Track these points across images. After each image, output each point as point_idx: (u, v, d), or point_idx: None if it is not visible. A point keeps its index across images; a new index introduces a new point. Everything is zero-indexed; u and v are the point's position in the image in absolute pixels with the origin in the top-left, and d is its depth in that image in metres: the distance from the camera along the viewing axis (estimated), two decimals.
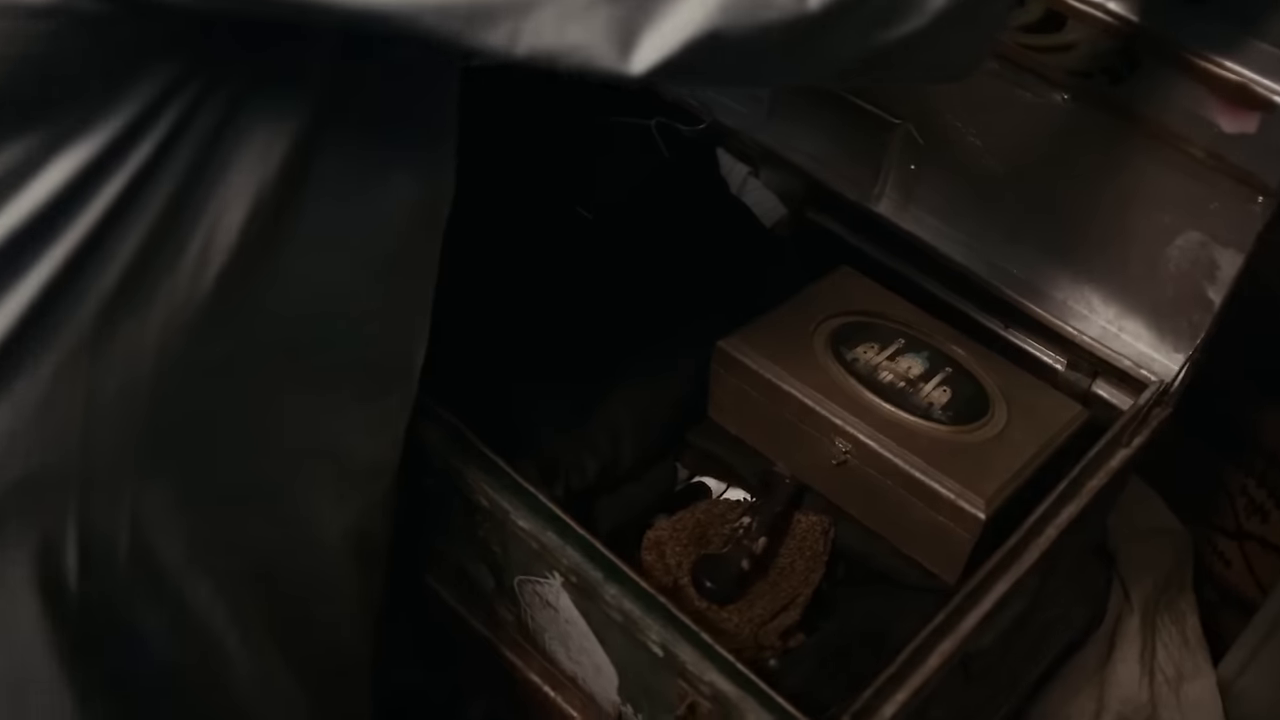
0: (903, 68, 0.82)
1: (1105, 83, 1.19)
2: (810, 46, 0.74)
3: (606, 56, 0.68)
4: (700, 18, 0.68)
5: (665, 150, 1.46)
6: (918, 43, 0.78)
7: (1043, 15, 1.20)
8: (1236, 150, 1.14)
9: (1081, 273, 1.32)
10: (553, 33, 0.68)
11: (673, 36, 0.68)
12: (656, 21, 0.68)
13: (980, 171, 1.35)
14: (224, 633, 0.98)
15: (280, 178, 0.77)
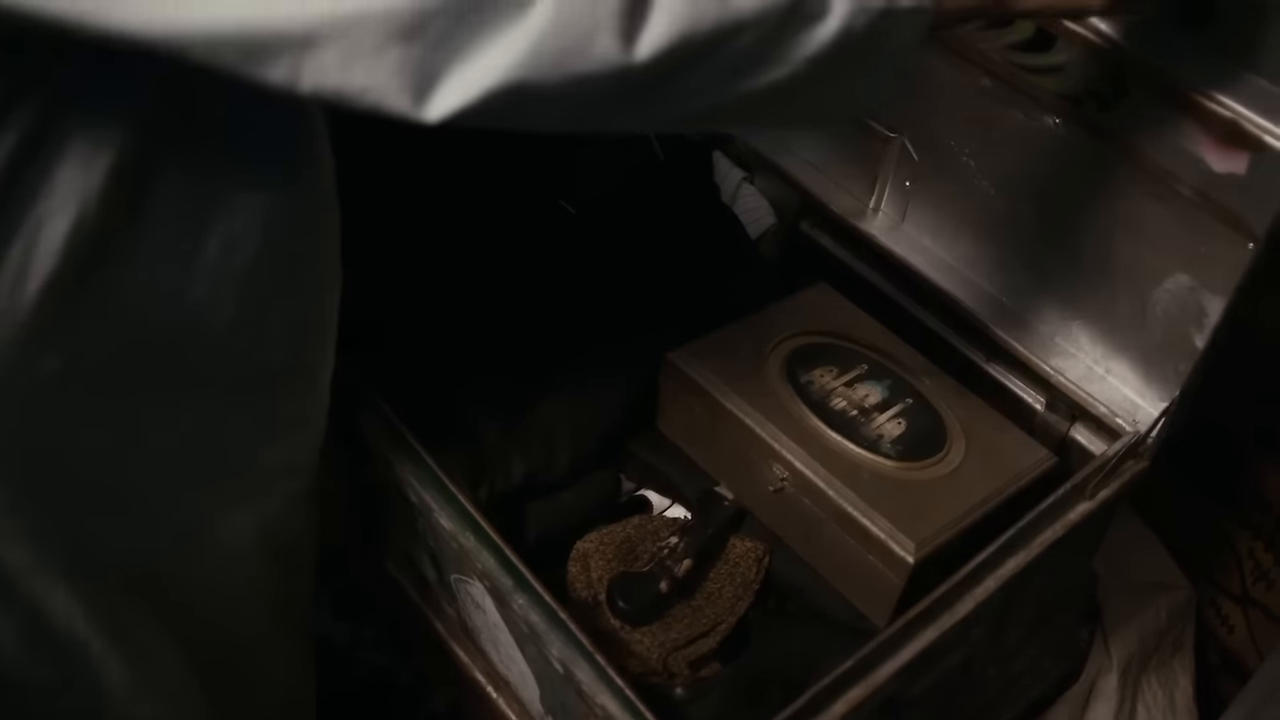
0: (786, 113, 0.76)
1: (1094, 109, 1.12)
2: (649, 97, 0.69)
3: (398, 102, 0.65)
4: (504, 65, 0.64)
5: (660, 150, 1.41)
6: (792, 90, 0.73)
7: (1033, 34, 1.13)
8: (1225, 191, 1.06)
9: (1071, 308, 1.25)
10: (337, 73, 0.64)
11: (474, 84, 0.64)
12: (456, 67, 0.64)
13: (974, 193, 1.28)
14: (86, 641, 0.94)
15: (108, 191, 0.73)
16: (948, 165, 1.29)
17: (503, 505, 1.18)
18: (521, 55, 0.64)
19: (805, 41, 0.72)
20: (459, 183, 1.34)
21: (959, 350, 1.31)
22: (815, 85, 0.74)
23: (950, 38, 1.20)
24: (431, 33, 0.63)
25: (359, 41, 0.63)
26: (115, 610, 0.95)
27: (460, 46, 0.64)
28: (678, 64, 0.68)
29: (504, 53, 0.64)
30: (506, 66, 0.64)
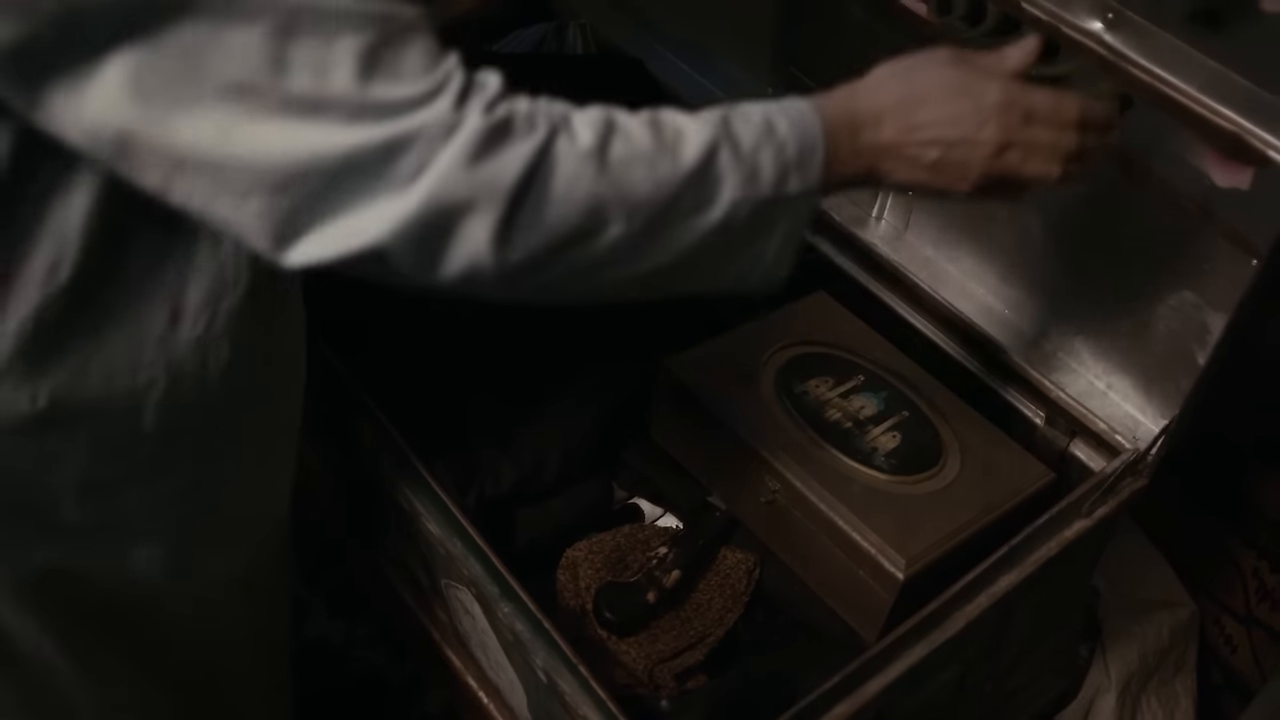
0: (666, 289, 0.77)
1: None
2: (518, 281, 0.71)
3: (257, 242, 0.67)
4: (371, 233, 0.66)
5: None
6: (673, 272, 0.75)
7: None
8: (1229, 206, 1.04)
9: (1073, 322, 1.23)
10: (203, 199, 0.66)
11: (337, 244, 0.67)
12: (320, 226, 0.66)
13: (976, 206, 1.26)
14: (53, 666, 0.95)
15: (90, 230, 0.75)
16: None
17: (493, 511, 1.16)
18: (390, 228, 0.66)
19: (685, 231, 0.73)
20: None
21: (959, 362, 1.29)
22: (695, 267, 0.75)
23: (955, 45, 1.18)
24: (301, 190, 0.65)
25: (228, 181, 0.65)
26: (81, 639, 0.96)
27: (330, 208, 0.66)
28: (544, 263, 0.70)
29: (373, 222, 0.66)
30: (374, 235, 0.66)
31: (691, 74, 1.53)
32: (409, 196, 0.66)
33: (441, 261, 0.68)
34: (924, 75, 0.88)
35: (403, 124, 0.65)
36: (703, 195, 0.73)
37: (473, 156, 0.66)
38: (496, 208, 0.67)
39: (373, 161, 0.65)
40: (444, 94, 0.67)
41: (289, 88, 0.63)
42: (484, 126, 0.67)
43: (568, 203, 0.69)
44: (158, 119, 0.63)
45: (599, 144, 0.71)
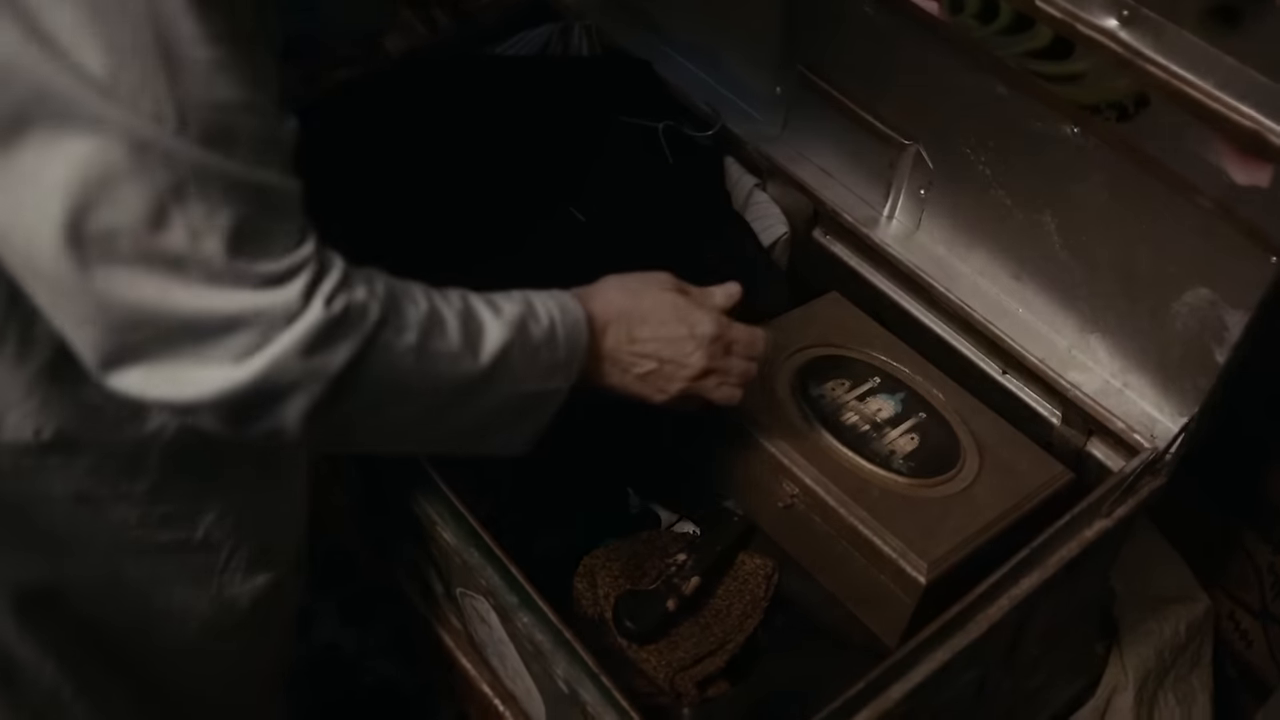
0: (442, 451, 0.97)
1: (1113, 118, 1.09)
2: (317, 441, 0.84)
3: (86, 356, 0.71)
4: (192, 392, 0.71)
5: (670, 155, 1.38)
6: (446, 442, 0.91)
7: (1051, 41, 1.10)
8: (1248, 204, 1.03)
9: (1088, 320, 1.22)
10: (46, 304, 0.71)
11: (155, 389, 0.71)
12: (149, 367, 0.70)
13: (990, 202, 1.26)
14: (54, 688, 0.96)
15: None
16: (963, 173, 1.27)
17: (508, 518, 1.16)
18: (215, 392, 0.71)
19: (468, 413, 0.87)
20: (472, 191, 1.32)
21: (974, 362, 1.28)
22: (465, 439, 0.91)
23: (966, 42, 1.17)
24: (139, 334, 0.69)
25: (70, 299, 0.69)
26: (79, 663, 0.97)
27: (162, 355, 0.70)
28: (341, 431, 0.80)
29: (200, 383, 0.71)
30: (195, 393, 0.71)
31: (699, 74, 1.51)
32: (241, 370, 0.71)
33: (248, 425, 0.74)
34: (648, 296, 1.00)
35: (253, 300, 0.70)
36: (489, 388, 0.85)
37: (308, 347, 0.72)
38: (317, 391, 0.74)
39: (216, 328, 0.69)
40: (297, 279, 0.71)
41: (163, 243, 0.67)
42: (323, 319, 0.72)
43: (379, 387, 0.78)
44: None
45: (420, 339, 0.79)
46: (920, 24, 1.20)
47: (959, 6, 1.16)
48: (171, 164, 0.65)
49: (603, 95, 1.41)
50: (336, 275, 0.74)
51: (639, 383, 0.99)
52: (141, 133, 0.65)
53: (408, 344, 0.78)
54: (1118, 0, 1.05)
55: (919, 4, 1.19)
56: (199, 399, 0.71)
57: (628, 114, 1.41)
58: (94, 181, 0.65)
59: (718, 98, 1.48)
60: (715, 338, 1.00)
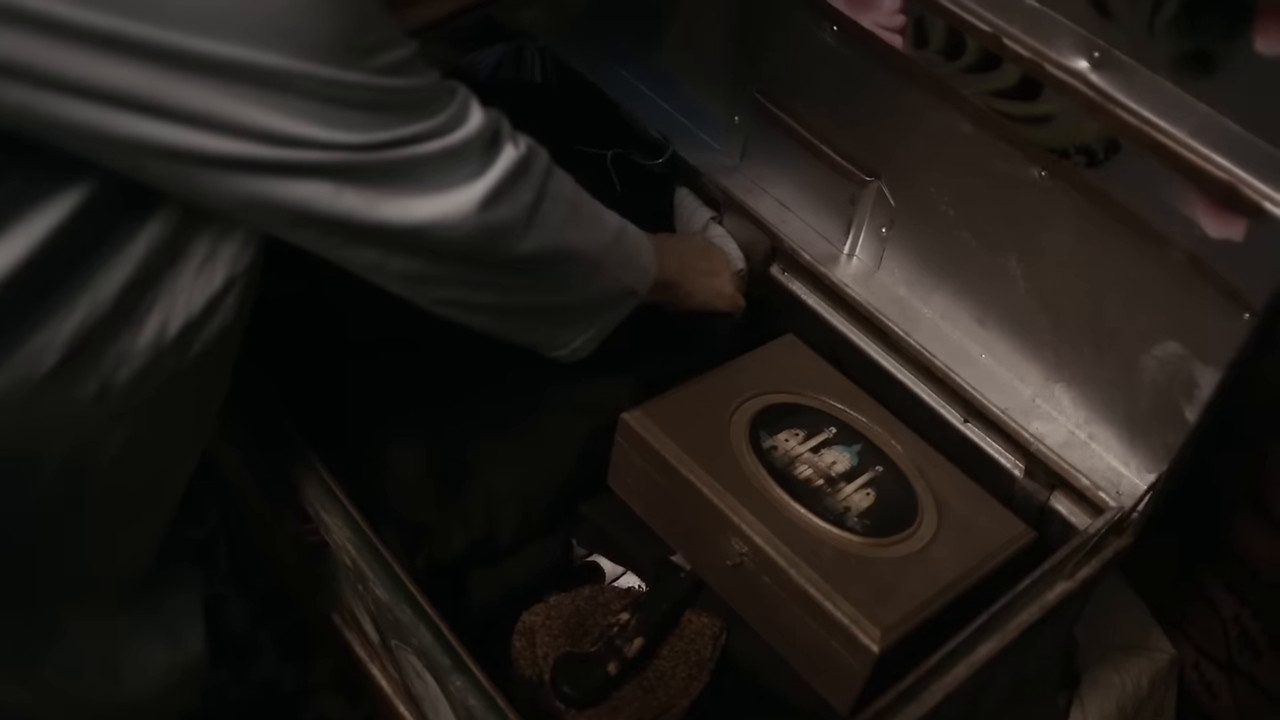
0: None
1: (1083, 164, 1.04)
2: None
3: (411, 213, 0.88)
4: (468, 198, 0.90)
5: (618, 184, 1.33)
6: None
7: (1018, 80, 1.05)
8: (1221, 258, 0.98)
9: (1053, 369, 1.17)
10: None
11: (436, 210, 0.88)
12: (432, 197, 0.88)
13: (954, 243, 1.21)
14: None
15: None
16: (927, 212, 1.22)
17: (444, 572, 1.10)
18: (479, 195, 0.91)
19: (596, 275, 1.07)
20: None
21: (935, 409, 1.23)
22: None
23: (930, 78, 1.13)
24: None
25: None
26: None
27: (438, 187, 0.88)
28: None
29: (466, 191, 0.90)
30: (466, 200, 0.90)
31: (655, 100, 1.46)
32: (495, 168, 0.90)
33: (497, 211, 0.91)
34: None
35: (465, 128, 0.88)
36: (604, 263, 1.06)
37: (521, 162, 0.92)
38: (534, 192, 0.95)
39: (459, 153, 0.88)
40: (474, 110, 0.90)
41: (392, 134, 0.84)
42: (521, 149, 0.93)
43: (559, 208, 0.98)
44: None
45: (574, 193, 1.02)
46: (884, 57, 1.16)
47: (924, 41, 1.11)
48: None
49: (553, 121, 1.35)
50: (510, 130, 0.93)
51: (708, 281, 1.25)
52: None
53: (567, 193, 1.00)
54: (1088, 41, 1.00)
55: (882, 37, 1.15)
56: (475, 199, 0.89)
57: (579, 141, 1.35)
58: None
59: (674, 125, 1.43)
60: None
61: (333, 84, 0.77)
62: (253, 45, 0.73)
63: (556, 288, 1.02)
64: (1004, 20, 1.04)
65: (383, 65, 0.79)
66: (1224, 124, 0.95)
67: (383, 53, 0.79)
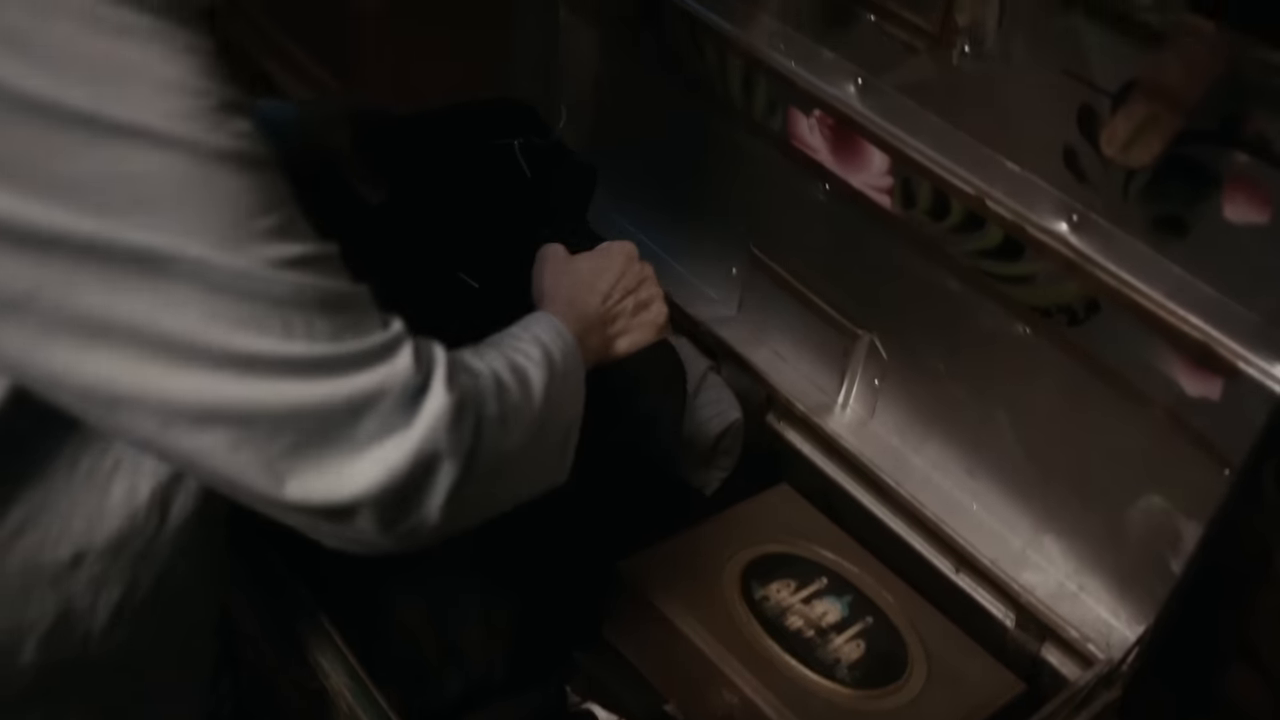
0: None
1: (1064, 322, 1.08)
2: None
3: (251, 486, 0.71)
4: (353, 488, 0.72)
5: (528, 171, 1.31)
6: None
7: (1001, 241, 1.09)
8: (1200, 415, 1.01)
9: (1042, 520, 1.19)
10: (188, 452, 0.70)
11: (314, 493, 0.71)
12: (303, 473, 0.70)
13: (944, 395, 1.24)
14: None
15: None
16: (917, 365, 1.25)
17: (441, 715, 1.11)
18: (368, 485, 0.72)
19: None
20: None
21: (926, 559, 1.25)
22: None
23: (919, 236, 1.16)
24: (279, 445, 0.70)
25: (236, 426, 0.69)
26: None
27: (314, 463, 0.71)
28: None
29: (350, 479, 0.71)
30: (350, 490, 0.72)
31: (654, 249, 1.50)
32: (397, 450, 0.72)
33: (398, 519, 0.74)
34: (567, 267, 1.09)
35: (369, 378, 0.71)
36: (544, 430, 0.87)
37: (449, 421, 0.73)
38: (457, 469, 0.75)
39: (352, 412, 0.71)
40: (402, 350, 0.73)
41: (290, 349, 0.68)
42: (451, 397, 0.74)
43: (489, 456, 0.78)
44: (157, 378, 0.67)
45: (499, 408, 0.80)
46: (874, 215, 1.20)
47: (911, 202, 1.16)
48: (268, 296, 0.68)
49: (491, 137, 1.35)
50: (441, 354, 0.76)
51: (630, 328, 1.07)
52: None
53: (492, 412, 0.79)
54: (1067, 205, 1.04)
55: (871, 196, 1.19)
56: (359, 493, 0.71)
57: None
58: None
59: (673, 275, 1.47)
60: (627, 250, 1.10)
61: (217, 270, 0.65)
62: (120, 222, 0.64)
63: (509, 489, 0.87)
64: (987, 183, 1.09)
65: (282, 257, 0.68)
66: (1198, 286, 0.98)
67: (282, 243, 0.68)
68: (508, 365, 0.85)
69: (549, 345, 0.91)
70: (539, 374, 0.87)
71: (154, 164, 0.64)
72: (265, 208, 0.67)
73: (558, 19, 1.56)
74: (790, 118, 1.24)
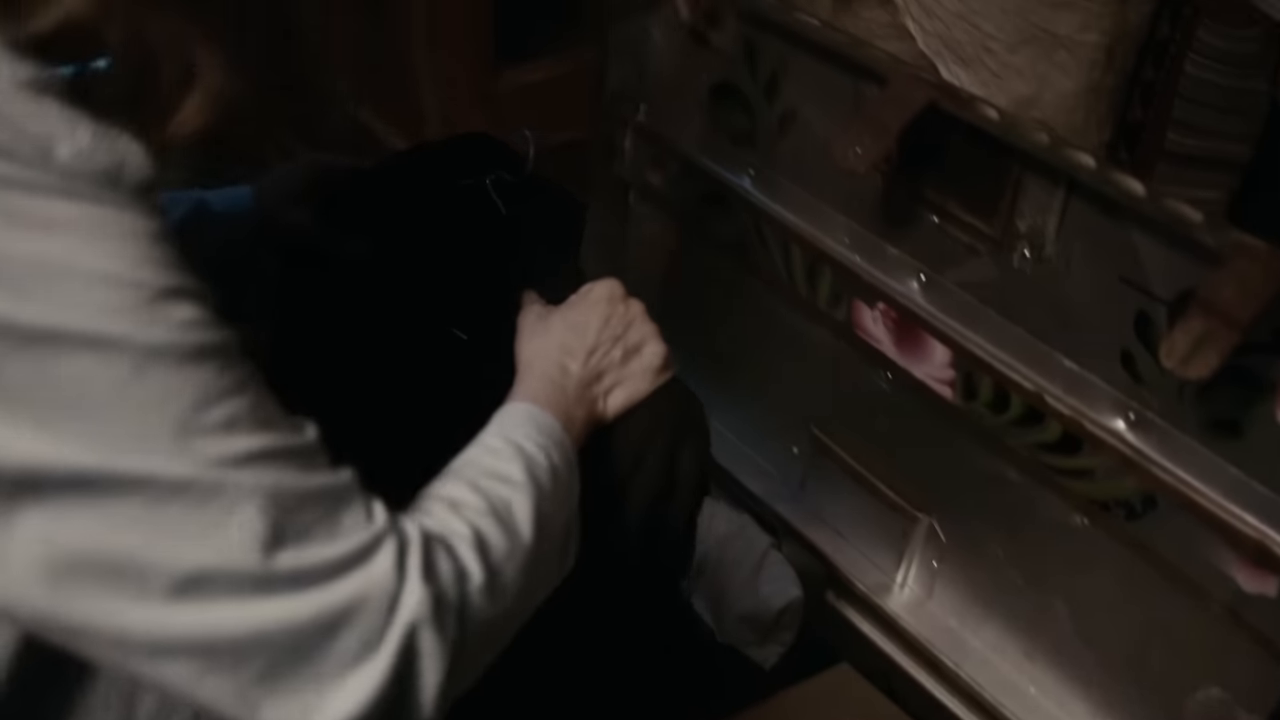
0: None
1: (1122, 516, 1.11)
2: None
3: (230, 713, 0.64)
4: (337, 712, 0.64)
5: (503, 208, 1.27)
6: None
7: (1060, 436, 1.13)
8: (1257, 611, 1.04)
9: (1100, 707, 1.21)
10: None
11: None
12: (280, 699, 0.63)
13: (1002, 580, 1.27)
14: None
15: None
16: (976, 550, 1.29)
17: None
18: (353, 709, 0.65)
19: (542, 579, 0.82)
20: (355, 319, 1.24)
21: None
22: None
23: (979, 427, 1.21)
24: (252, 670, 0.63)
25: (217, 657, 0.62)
26: None
27: (291, 690, 0.63)
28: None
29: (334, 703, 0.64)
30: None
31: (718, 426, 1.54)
32: (374, 666, 0.65)
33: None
34: (542, 329, 1.03)
35: (345, 590, 0.64)
36: (541, 556, 0.80)
37: (431, 622, 0.67)
38: (445, 662, 0.68)
39: (332, 630, 0.64)
40: (380, 552, 0.66)
41: (248, 563, 0.62)
42: (429, 593, 0.67)
43: (478, 632, 0.72)
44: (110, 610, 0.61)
45: (486, 577, 0.73)
46: (935, 405, 1.24)
47: (972, 394, 1.20)
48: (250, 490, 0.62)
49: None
50: (415, 536, 0.69)
51: (622, 379, 1.01)
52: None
53: (477, 584, 0.72)
54: (1124, 403, 1.09)
55: (933, 387, 1.24)
56: (343, 717, 0.64)
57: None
58: None
59: (736, 452, 1.51)
60: (609, 292, 1.03)
61: (160, 481, 0.59)
62: (52, 436, 0.58)
63: (508, 632, 0.79)
64: (1046, 380, 1.14)
65: (235, 454, 0.61)
66: (1255, 486, 1.02)
67: (235, 437, 0.62)
68: (487, 507, 0.77)
69: (530, 452, 0.84)
70: (524, 501, 0.80)
71: (83, 368, 0.58)
72: (213, 400, 0.61)
73: (627, 201, 1.64)
74: (854, 308, 1.30)
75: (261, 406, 0.64)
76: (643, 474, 1.07)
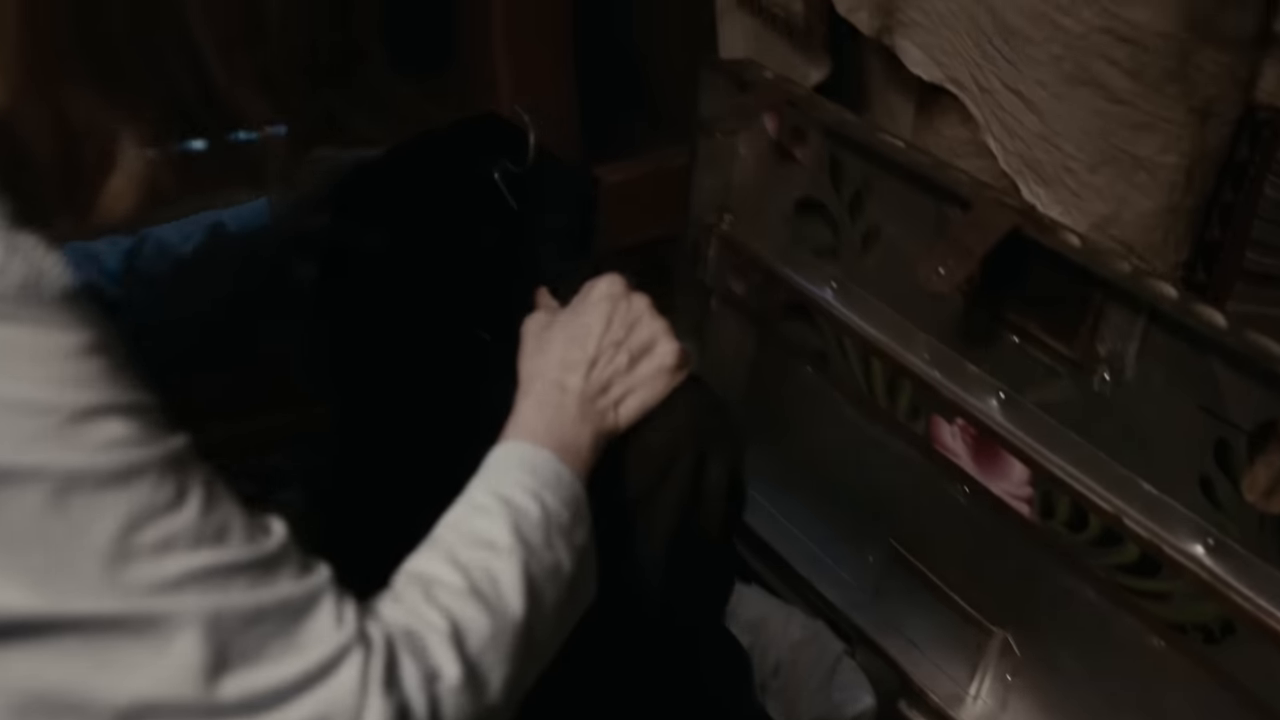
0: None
1: (1200, 640, 1.12)
2: None
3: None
4: None
5: (513, 202, 1.19)
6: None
7: (1138, 558, 1.14)
8: None
9: None
10: None
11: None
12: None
13: (1077, 698, 1.27)
14: None
15: None
16: (1050, 666, 1.29)
17: None
18: None
19: (534, 649, 0.75)
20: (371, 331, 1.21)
21: None
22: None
23: (1056, 545, 1.22)
24: None
25: None
26: None
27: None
28: None
29: None
30: None
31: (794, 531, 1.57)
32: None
33: None
34: (541, 344, 0.94)
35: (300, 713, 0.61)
36: (538, 618, 0.74)
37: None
38: None
39: None
40: (345, 666, 0.62)
41: (191, 694, 0.58)
42: (391, 707, 0.63)
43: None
44: None
45: (465, 674, 0.68)
46: (1012, 521, 1.26)
47: (1050, 512, 1.22)
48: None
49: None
50: (380, 642, 0.64)
51: (633, 387, 0.91)
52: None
53: (451, 684, 0.67)
54: (1203, 528, 1.10)
55: (1011, 504, 1.25)
56: None
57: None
58: None
59: (811, 558, 1.53)
60: (608, 290, 0.93)
61: (93, 617, 0.57)
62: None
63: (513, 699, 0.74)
64: (1124, 502, 1.15)
65: (177, 575, 0.58)
66: None
67: (174, 556, 0.58)
68: (467, 587, 0.71)
69: (519, 505, 0.77)
70: (512, 569, 0.74)
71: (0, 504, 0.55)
72: (143, 522, 0.57)
73: (708, 305, 1.68)
74: (933, 423, 1.32)
75: (210, 518, 0.60)
76: (668, 490, 0.97)
